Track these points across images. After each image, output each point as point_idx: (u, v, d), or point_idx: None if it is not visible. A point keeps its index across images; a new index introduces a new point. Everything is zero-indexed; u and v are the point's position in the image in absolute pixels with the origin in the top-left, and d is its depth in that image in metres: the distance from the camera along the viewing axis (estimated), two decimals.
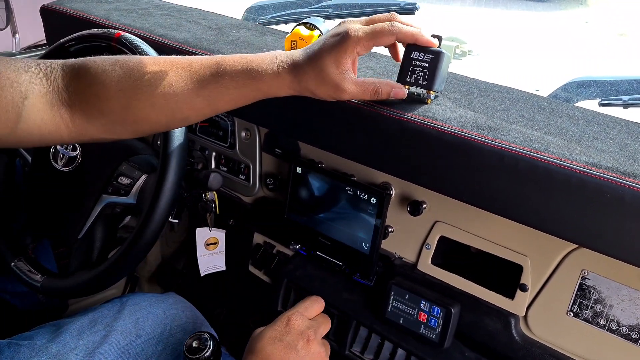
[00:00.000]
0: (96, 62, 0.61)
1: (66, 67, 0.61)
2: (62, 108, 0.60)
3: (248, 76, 0.60)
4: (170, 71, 0.60)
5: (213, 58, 0.62)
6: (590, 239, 0.56)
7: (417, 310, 0.74)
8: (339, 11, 1.20)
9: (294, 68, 0.60)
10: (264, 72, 0.60)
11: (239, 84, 0.60)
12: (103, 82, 0.59)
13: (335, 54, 0.58)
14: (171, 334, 0.82)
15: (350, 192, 0.76)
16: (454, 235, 0.72)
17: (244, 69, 0.60)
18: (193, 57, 0.63)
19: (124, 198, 0.85)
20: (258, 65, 0.60)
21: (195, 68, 0.61)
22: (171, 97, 0.60)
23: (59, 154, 0.87)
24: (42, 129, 0.59)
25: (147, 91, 0.60)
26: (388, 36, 0.59)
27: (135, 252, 0.76)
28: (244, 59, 0.61)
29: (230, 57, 0.62)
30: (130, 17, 1.04)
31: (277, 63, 0.60)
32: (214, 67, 0.60)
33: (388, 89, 0.62)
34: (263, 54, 0.62)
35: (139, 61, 0.61)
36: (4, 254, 0.86)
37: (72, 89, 0.60)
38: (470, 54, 5.66)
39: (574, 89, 0.94)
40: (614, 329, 0.62)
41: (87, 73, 0.60)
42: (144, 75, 0.60)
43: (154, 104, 0.60)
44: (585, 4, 8.83)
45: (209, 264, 1.02)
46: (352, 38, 0.58)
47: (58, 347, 0.75)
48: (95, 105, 0.60)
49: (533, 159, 0.56)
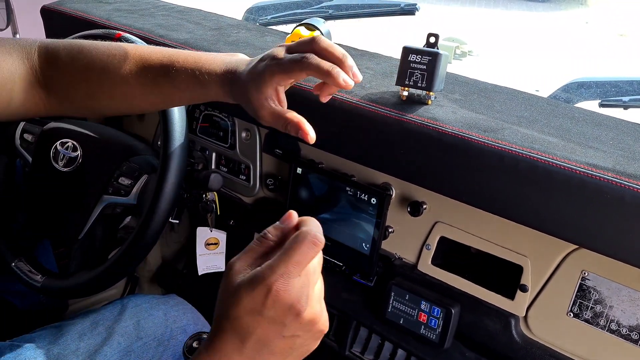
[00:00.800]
0: (66, 48, 0.66)
1: (42, 49, 0.66)
2: (40, 89, 0.66)
3: (197, 82, 0.61)
4: (128, 66, 0.64)
5: (167, 56, 0.63)
6: (590, 240, 0.56)
7: (417, 311, 0.74)
8: (339, 12, 1.20)
9: (235, 80, 0.60)
10: (211, 79, 0.61)
11: (189, 87, 0.62)
12: (70, 72, 0.65)
13: (257, 81, 0.57)
14: (172, 336, 0.82)
15: (350, 193, 0.77)
16: (454, 236, 0.72)
17: (193, 74, 0.61)
18: (148, 51, 0.65)
19: (124, 198, 0.85)
20: (207, 71, 0.61)
21: (150, 64, 0.64)
22: (129, 92, 0.65)
23: (60, 155, 0.87)
24: (26, 107, 0.66)
25: (107, 84, 0.65)
26: (298, 73, 0.55)
27: (136, 253, 0.76)
28: (197, 62, 0.62)
29: (184, 57, 0.63)
30: (131, 17, 1.04)
31: (224, 72, 0.61)
32: (166, 66, 0.62)
33: (296, 128, 0.57)
34: (216, 56, 0.63)
35: (102, 53, 0.65)
36: (4, 254, 0.86)
37: (47, 73, 0.65)
38: (471, 54, 5.68)
39: (574, 90, 0.94)
40: (614, 330, 0.62)
41: (58, 60, 0.65)
42: (105, 68, 0.64)
43: (114, 96, 0.66)
44: (586, 5, 8.84)
45: (207, 263, 1.02)
46: (268, 71, 0.56)
47: (59, 349, 0.76)
48: (64, 90, 0.67)
49: (533, 159, 0.56)
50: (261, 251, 0.48)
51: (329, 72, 0.54)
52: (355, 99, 0.70)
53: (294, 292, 0.46)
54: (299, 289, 0.46)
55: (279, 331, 0.46)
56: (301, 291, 0.46)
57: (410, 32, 2.61)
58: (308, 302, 0.46)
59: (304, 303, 0.46)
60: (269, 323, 0.46)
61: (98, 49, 0.66)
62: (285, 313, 0.46)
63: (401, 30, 4.09)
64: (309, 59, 0.54)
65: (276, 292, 0.45)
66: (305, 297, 0.46)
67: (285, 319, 0.46)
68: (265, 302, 0.45)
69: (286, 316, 0.46)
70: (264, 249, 0.48)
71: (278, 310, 0.45)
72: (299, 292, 0.46)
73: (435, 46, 0.66)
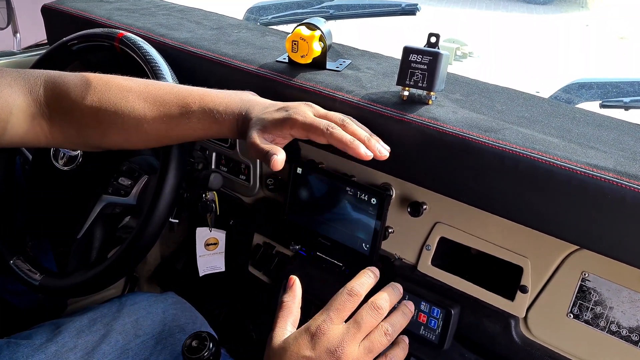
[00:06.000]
0: (76, 86, 0.65)
1: (49, 83, 0.65)
2: (43, 121, 0.65)
3: (214, 121, 0.63)
4: (142, 107, 0.64)
5: (182, 97, 0.64)
6: (590, 241, 0.56)
7: (417, 311, 0.73)
8: (340, 12, 1.20)
9: (246, 121, 0.62)
10: (227, 119, 0.63)
11: (205, 125, 0.64)
12: (81, 110, 0.64)
13: (269, 124, 0.60)
14: (170, 334, 0.82)
15: (350, 193, 0.76)
16: (454, 237, 0.72)
17: (211, 113, 0.63)
18: (163, 91, 0.65)
19: (124, 199, 0.84)
20: (224, 111, 0.63)
21: (166, 105, 0.64)
22: (141, 132, 0.65)
23: (60, 153, 0.87)
24: (24, 138, 0.66)
25: (119, 124, 0.64)
26: (319, 136, 0.59)
27: (135, 252, 0.76)
28: (214, 101, 0.63)
29: (199, 96, 0.64)
30: (132, 16, 1.04)
31: (240, 112, 0.63)
32: (182, 107, 0.64)
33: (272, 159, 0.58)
34: (231, 96, 0.64)
35: (114, 93, 0.65)
36: (3, 252, 0.86)
37: (53, 107, 0.65)
38: (471, 55, 5.68)
39: (575, 91, 0.94)
40: (614, 331, 0.62)
41: (67, 96, 0.65)
42: (118, 110, 0.64)
43: (125, 135, 0.66)
44: (586, 7, 8.84)
45: (208, 264, 1.02)
46: (290, 121, 0.59)
47: (57, 346, 0.75)
48: (71, 127, 0.66)
49: (534, 159, 0.56)
50: None
51: (345, 144, 0.57)
52: (355, 99, 0.70)
53: (334, 336, 0.49)
54: (340, 336, 0.49)
55: None
56: (342, 339, 0.49)
57: (410, 33, 2.61)
58: (349, 351, 0.48)
59: (346, 349, 0.48)
60: None
61: (110, 88, 0.65)
62: (326, 355, 0.48)
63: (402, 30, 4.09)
64: (334, 131, 0.57)
65: (318, 334, 0.49)
66: (347, 345, 0.49)
67: None
68: (309, 345, 0.49)
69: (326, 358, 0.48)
70: None
71: (319, 351, 0.48)
72: (339, 339, 0.49)
73: (436, 46, 0.66)
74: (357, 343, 0.49)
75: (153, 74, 0.79)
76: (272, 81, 0.77)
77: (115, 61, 0.90)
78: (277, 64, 0.81)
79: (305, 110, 0.61)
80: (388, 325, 0.52)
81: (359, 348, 0.49)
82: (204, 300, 1.27)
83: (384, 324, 0.52)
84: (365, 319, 0.51)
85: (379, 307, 0.52)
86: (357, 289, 0.53)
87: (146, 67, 0.80)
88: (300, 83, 0.75)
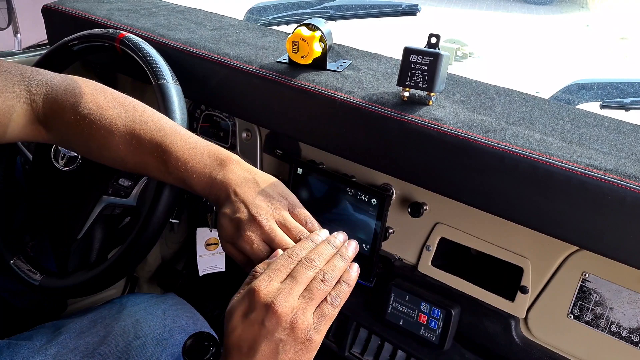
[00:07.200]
0: (72, 108, 0.66)
1: (48, 97, 0.66)
2: (41, 127, 0.68)
3: (183, 184, 0.63)
4: (126, 150, 0.66)
5: (162, 149, 0.63)
6: (590, 241, 0.55)
7: (417, 312, 0.73)
8: (341, 12, 1.20)
9: (218, 201, 0.61)
10: (196, 183, 0.62)
11: (176, 181, 0.64)
12: (72, 133, 0.67)
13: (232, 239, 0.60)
14: (171, 335, 0.82)
15: (350, 193, 0.76)
16: (454, 237, 0.72)
17: (180, 176, 0.62)
18: (149, 135, 0.64)
19: (124, 200, 0.84)
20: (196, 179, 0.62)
21: (145, 151, 0.64)
22: (127, 167, 0.68)
23: (60, 153, 0.87)
24: (23, 139, 0.69)
25: (105, 156, 0.68)
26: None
27: (135, 253, 0.75)
28: (186, 163, 0.62)
29: (175, 155, 0.62)
30: (132, 17, 1.04)
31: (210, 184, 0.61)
32: (160, 161, 0.63)
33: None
34: (205, 165, 0.62)
35: (104, 128, 0.66)
36: (3, 252, 0.86)
37: (51, 118, 0.67)
38: (472, 56, 5.68)
39: (575, 91, 0.94)
40: (614, 332, 0.62)
41: (62, 116, 0.66)
42: (104, 145, 0.66)
43: (112, 164, 0.69)
44: (587, 8, 8.84)
45: (208, 264, 1.02)
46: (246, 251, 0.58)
47: (57, 347, 0.75)
48: (67, 139, 0.69)
49: (534, 160, 0.56)
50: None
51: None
52: (356, 100, 0.70)
53: (271, 292, 0.49)
54: (276, 291, 0.49)
55: (260, 332, 0.48)
56: (278, 293, 0.49)
57: (410, 33, 2.61)
58: (287, 303, 0.49)
59: (282, 302, 0.48)
60: (251, 325, 0.49)
61: (102, 121, 0.65)
62: (263, 311, 0.48)
63: (402, 31, 4.09)
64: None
65: (256, 293, 0.49)
66: (284, 297, 0.49)
67: (265, 318, 0.48)
68: (248, 304, 0.49)
69: (265, 314, 0.48)
70: None
71: (258, 309, 0.49)
72: (275, 293, 0.49)
73: (436, 47, 0.66)
74: (296, 295, 0.49)
75: (153, 74, 0.79)
76: (272, 82, 0.77)
77: (116, 61, 0.90)
78: (278, 64, 0.81)
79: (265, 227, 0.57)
80: (324, 272, 0.51)
81: (299, 300, 0.49)
82: (204, 300, 1.27)
83: (320, 272, 0.51)
84: (300, 271, 0.51)
85: (312, 260, 0.52)
86: (298, 251, 0.53)
87: (147, 67, 0.80)
88: (301, 84, 0.75)
